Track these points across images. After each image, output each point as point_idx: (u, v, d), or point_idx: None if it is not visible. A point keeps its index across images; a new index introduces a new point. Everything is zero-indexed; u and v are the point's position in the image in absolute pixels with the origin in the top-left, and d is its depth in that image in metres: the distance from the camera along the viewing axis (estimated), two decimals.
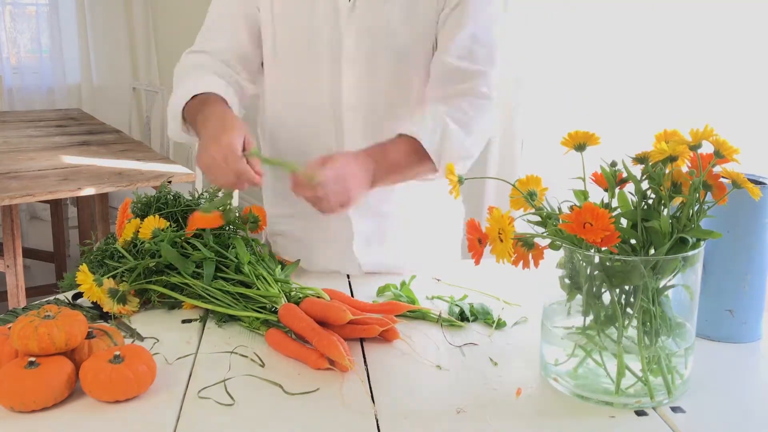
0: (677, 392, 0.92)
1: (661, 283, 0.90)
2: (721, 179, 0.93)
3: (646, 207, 0.93)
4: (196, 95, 1.31)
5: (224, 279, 1.16)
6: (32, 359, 0.90)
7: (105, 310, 1.15)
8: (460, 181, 0.98)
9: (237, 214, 1.27)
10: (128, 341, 1.08)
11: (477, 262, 0.93)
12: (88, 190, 2.36)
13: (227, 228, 1.25)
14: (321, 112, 1.40)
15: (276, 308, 1.11)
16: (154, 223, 1.21)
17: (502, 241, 0.88)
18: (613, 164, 0.96)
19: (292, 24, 1.39)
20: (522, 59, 2.60)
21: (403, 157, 1.29)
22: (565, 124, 2.24)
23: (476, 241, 0.93)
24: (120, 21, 4.84)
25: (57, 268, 3.61)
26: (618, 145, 1.04)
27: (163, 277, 1.18)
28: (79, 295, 1.20)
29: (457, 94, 1.35)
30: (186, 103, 1.31)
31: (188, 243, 1.20)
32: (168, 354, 1.03)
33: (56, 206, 3.56)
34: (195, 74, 1.38)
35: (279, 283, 1.16)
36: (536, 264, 0.92)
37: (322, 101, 1.39)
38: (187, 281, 1.16)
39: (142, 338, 1.09)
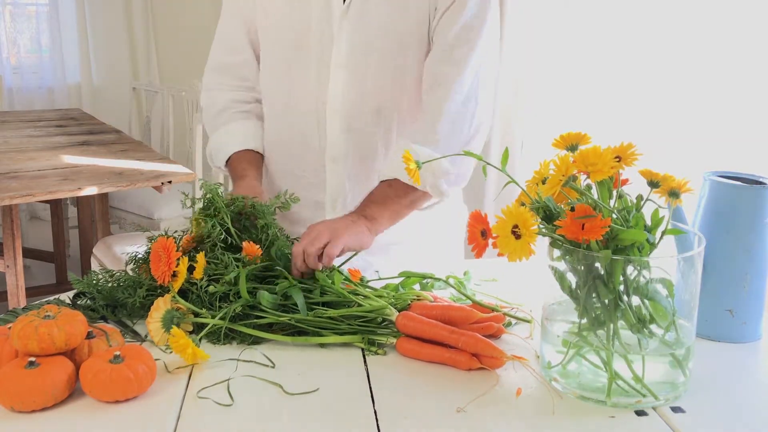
0: (677, 392, 0.92)
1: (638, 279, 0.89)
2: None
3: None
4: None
5: (311, 302, 1.09)
6: (32, 359, 0.90)
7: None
8: (418, 166, 0.99)
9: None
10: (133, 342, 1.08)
11: (478, 256, 0.92)
12: (89, 190, 2.35)
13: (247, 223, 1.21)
14: (306, 117, 1.41)
15: (386, 320, 1.08)
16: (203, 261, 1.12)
17: (518, 237, 0.86)
18: None
19: (284, 26, 1.40)
20: (521, 60, 2.60)
21: (393, 197, 1.32)
22: (565, 125, 2.25)
23: (479, 233, 0.92)
24: (120, 21, 4.83)
25: (57, 268, 3.61)
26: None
27: (254, 320, 1.08)
28: (79, 295, 1.20)
29: (430, 101, 1.35)
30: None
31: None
32: (168, 359, 1.03)
33: (56, 206, 3.56)
34: (227, 126, 1.51)
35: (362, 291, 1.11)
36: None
37: (308, 106, 1.40)
38: (280, 318, 1.07)
39: (143, 338, 1.09)
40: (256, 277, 1.14)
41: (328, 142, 1.41)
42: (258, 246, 1.16)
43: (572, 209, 0.88)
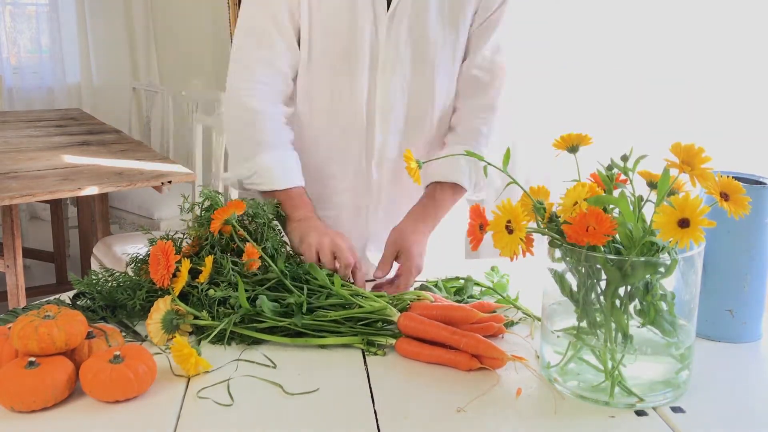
0: (677, 392, 0.92)
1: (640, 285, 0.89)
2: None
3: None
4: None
5: (311, 305, 1.09)
6: (32, 359, 0.90)
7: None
8: (419, 165, 1.00)
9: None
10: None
11: (474, 248, 0.93)
12: (89, 190, 2.35)
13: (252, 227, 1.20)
14: (352, 120, 1.41)
15: (387, 320, 1.08)
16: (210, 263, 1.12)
17: (510, 232, 0.88)
18: (610, 168, 0.96)
19: (329, 31, 1.37)
20: (518, 60, 2.60)
21: (450, 203, 1.40)
22: (563, 126, 2.25)
23: (477, 227, 0.93)
24: (120, 21, 4.83)
25: (57, 268, 3.61)
26: (616, 146, 1.04)
27: (255, 324, 1.08)
28: (79, 296, 1.20)
29: (477, 110, 1.41)
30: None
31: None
32: (168, 359, 1.03)
33: (56, 206, 3.56)
34: (275, 152, 1.38)
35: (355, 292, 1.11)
36: (529, 251, 0.91)
37: (354, 110, 1.40)
38: (281, 323, 1.07)
39: (143, 338, 1.09)
40: (256, 280, 1.14)
41: (375, 146, 1.41)
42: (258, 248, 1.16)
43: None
